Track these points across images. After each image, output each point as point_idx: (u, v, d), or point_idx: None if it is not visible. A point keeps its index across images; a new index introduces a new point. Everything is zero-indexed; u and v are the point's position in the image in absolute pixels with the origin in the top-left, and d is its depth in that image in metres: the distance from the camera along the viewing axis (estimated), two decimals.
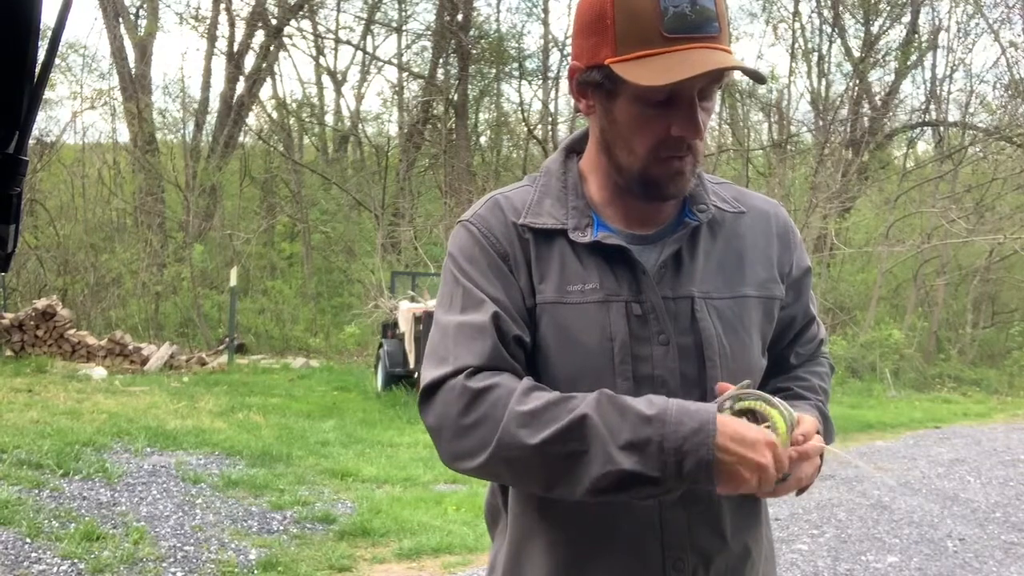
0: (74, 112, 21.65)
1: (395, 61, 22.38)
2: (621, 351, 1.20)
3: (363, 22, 22.16)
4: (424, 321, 9.29)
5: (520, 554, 1.28)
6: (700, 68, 1.12)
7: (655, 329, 1.21)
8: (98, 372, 10.58)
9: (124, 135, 21.83)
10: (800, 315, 1.40)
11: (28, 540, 4.39)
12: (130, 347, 12.03)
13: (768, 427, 1.12)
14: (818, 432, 1.20)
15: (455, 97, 20.31)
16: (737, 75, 1.26)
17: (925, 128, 19.79)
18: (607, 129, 1.24)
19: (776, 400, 1.15)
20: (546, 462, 1.11)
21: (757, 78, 1.19)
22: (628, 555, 1.23)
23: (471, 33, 20.22)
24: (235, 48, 20.93)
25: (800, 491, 1.20)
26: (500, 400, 1.13)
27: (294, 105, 22.95)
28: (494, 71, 21.38)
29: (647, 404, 1.10)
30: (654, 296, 1.22)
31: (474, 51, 20.31)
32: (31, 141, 1.09)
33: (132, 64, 20.47)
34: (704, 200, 1.29)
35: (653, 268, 1.24)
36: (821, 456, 1.21)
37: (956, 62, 19.41)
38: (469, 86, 20.66)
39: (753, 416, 1.15)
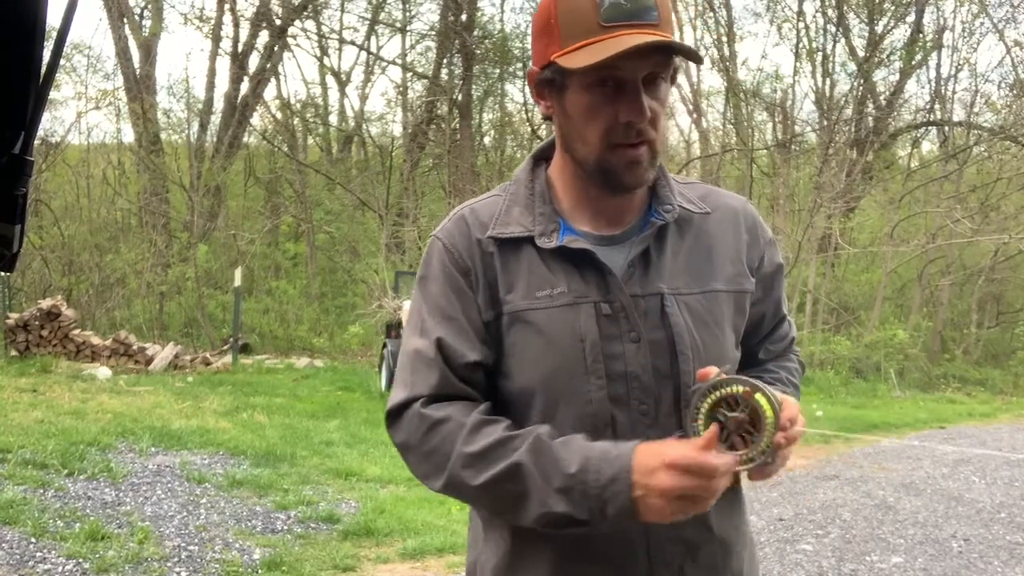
0: (79, 112, 21.76)
1: (399, 61, 22.41)
2: (592, 351, 1.23)
3: (367, 22, 22.21)
4: None
5: (511, 555, 1.31)
6: (627, 44, 1.16)
7: (625, 327, 1.25)
8: (103, 372, 10.60)
9: (129, 135, 21.93)
10: (770, 312, 1.43)
11: (33, 540, 4.40)
12: (134, 347, 12.05)
13: (748, 413, 1.14)
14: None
15: (459, 97, 20.31)
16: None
17: (930, 128, 19.77)
18: (564, 125, 1.28)
19: (760, 384, 1.15)
20: (490, 499, 1.22)
21: (693, 57, 1.23)
22: (617, 552, 1.25)
23: (475, 33, 20.22)
24: (239, 48, 20.97)
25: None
26: (449, 436, 1.21)
27: (298, 105, 23.02)
28: (498, 71, 21.38)
29: (575, 453, 1.16)
30: (622, 295, 1.25)
31: (478, 51, 20.31)
32: (36, 142, 1.10)
33: (136, 64, 20.52)
34: (670, 200, 1.32)
35: (622, 267, 1.27)
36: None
37: (961, 61, 19.41)
38: (473, 86, 20.67)
39: (735, 403, 1.15)
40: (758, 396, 1.14)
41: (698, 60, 1.25)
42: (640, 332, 1.25)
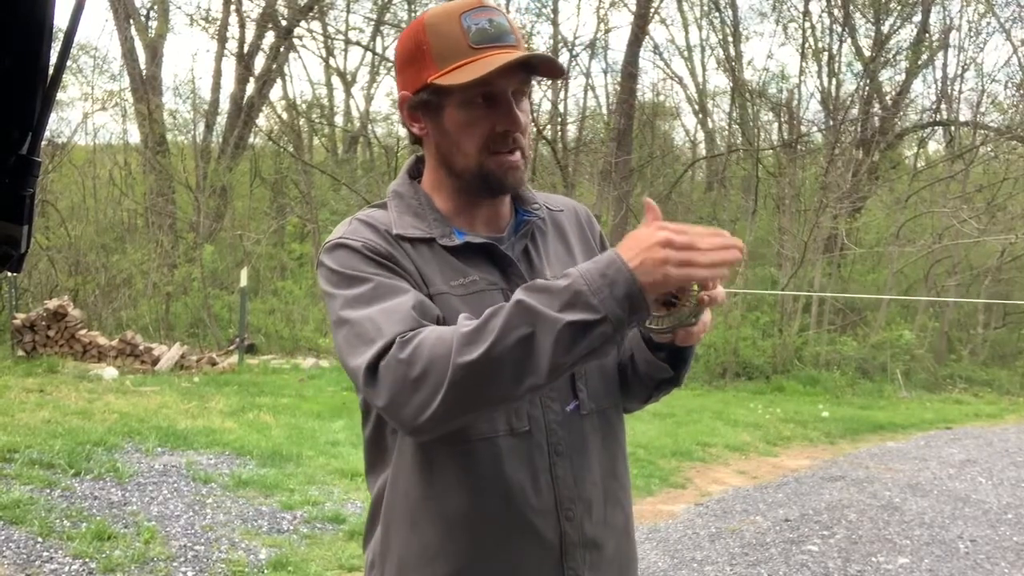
0: (85, 113, 21.79)
1: None
2: None
3: (373, 23, 22.22)
4: None
5: (414, 521, 1.39)
6: (505, 60, 1.32)
7: None
8: (109, 372, 10.62)
9: (135, 136, 21.93)
10: None
11: (40, 539, 4.42)
12: (141, 347, 12.06)
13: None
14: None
15: None
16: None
17: (936, 128, 19.69)
18: (441, 143, 1.42)
19: None
20: (504, 359, 1.16)
21: (559, 70, 1.39)
22: (529, 514, 1.36)
23: None
24: (245, 49, 20.98)
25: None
26: (442, 337, 1.18)
27: (304, 106, 23.01)
28: None
29: (562, 276, 1.20)
30: (522, 282, 1.37)
31: None
32: (43, 142, 1.10)
33: (143, 65, 20.55)
34: (535, 200, 1.52)
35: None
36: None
37: (967, 61, 19.28)
38: None
39: None
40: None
41: (562, 72, 1.40)
42: None
